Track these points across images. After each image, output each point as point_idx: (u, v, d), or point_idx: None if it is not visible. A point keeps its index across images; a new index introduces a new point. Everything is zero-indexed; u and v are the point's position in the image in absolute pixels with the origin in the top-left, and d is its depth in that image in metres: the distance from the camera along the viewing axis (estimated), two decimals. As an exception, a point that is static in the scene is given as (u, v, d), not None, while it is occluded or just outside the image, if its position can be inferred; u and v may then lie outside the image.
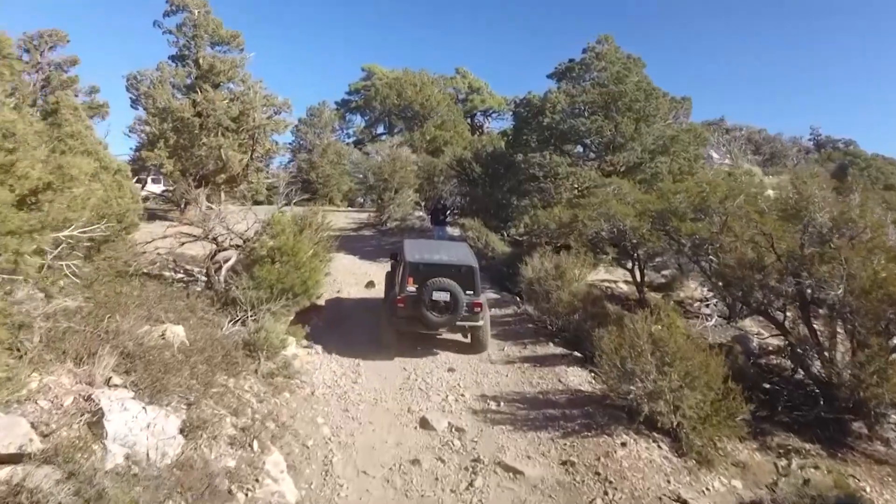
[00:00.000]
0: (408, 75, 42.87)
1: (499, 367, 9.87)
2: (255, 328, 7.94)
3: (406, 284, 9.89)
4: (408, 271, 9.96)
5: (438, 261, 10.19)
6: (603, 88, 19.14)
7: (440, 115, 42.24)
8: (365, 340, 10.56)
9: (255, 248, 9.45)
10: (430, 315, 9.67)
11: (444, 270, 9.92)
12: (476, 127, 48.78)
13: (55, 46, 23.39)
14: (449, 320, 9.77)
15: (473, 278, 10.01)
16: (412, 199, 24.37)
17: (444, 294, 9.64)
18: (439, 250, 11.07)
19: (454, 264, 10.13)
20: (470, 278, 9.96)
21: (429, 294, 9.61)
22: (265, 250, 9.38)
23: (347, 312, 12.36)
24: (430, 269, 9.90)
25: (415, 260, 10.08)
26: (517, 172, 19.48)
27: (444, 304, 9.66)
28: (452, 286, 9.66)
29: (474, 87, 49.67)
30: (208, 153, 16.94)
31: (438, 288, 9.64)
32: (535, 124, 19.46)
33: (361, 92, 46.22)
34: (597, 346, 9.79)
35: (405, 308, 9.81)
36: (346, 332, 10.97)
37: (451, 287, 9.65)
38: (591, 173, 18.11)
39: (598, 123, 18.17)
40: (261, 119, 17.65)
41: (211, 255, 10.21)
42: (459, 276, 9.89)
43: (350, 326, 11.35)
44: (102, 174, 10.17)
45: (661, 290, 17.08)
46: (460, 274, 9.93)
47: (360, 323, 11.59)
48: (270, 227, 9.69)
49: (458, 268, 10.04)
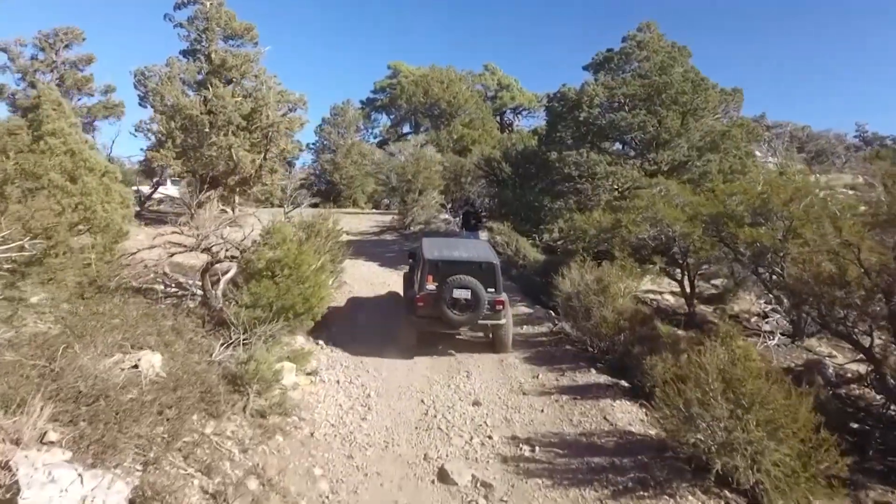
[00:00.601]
0: (434, 72, 41.72)
1: (533, 399, 8.50)
2: (245, 357, 6.77)
3: (426, 283, 9.68)
4: (427, 269, 9.73)
5: (458, 258, 10.00)
6: (645, 80, 17.55)
7: (468, 112, 41.00)
8: (379, 365, 9.34)
9: (251, 260, 8.30)
10: (451, 313, 9.45)
11: (465, 267, 9.71)
12: (505, 125, 47.32)
13: (70, 44, 22.97)
14: (470, 319, 9.55)
15: (494, 275, 9.78)
16: (437, 201, 23.15)
17: (465, 291, 9.42)
18: (458, 247, 10.92)
19: (474, 261, 9.93)
20: (491, 275, 9.74)
21: (449, 292, 9.38)
22: (263, 263, 8.22)
23: (360, 329, 11.17)
24: (450, 267, 9.69)
25: (433, 257, 9.86)
26: (551, 172, 18.05)
27: (466, 302, 9.45)
28: (473, 283, 9.43)
29: (503, 84, 48.22)
30: (218, 153, 16.01)
31: (459, 285, 9.42)
32: (571, 120, 17.98)
33: (387, 90, 45.29)
34: (649, 376, 8.41)
35: (425, 307, 9.58)
36: (358, 354, 9.77)
37: (471, 284, 9.42)
38: (633, 173, 16.55)
39: (640, 118, 16.60)
40: (275, 117, 16.65)
41: (205, 267, 9.12)
42: (480, 272, 9.67)
43: (363, 347, 10.15)
44: (87, 177, 9.19)
45: (713, 303, 15.42)
46: (481, 271, 9.72)
47: (375, 343, 10.39)
48: (270, 236, 8.54)
49: (479, 264, 9.83)
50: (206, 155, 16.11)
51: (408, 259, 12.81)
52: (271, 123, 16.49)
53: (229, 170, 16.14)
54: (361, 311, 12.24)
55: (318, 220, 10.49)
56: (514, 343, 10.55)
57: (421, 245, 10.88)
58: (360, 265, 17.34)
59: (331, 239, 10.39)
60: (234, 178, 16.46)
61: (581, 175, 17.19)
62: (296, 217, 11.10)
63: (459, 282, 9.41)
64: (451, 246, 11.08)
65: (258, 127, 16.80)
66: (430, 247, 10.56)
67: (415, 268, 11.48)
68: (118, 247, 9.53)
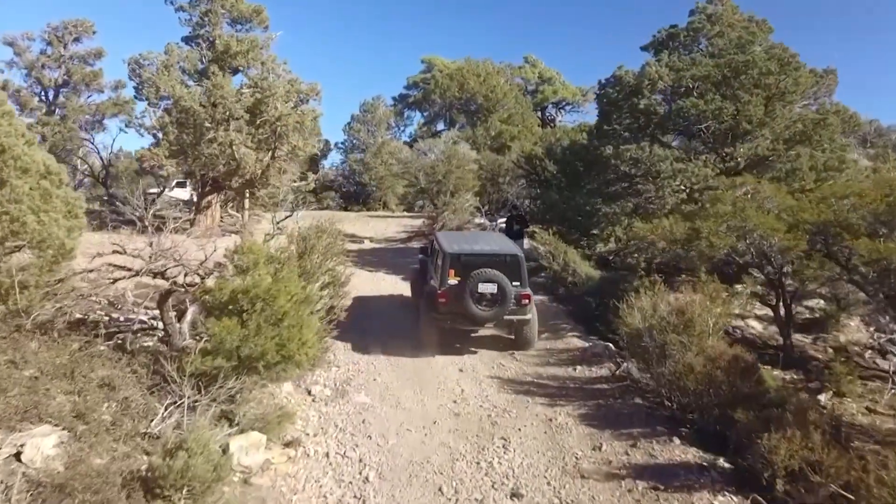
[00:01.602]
0: (470, 64, 39.46)
1: (596, 487, 6.11)
2: (173, 443, 4.65)
3: (447, 277, 9.42)
4: (448, 263, 9.48)
5: (481, 251, 9.82)
6: (720, 59, 14.83)
7: (506, 107, 38.62)
8: (386, 428, 7.14)
9: (212, 290, 6.21)
10: (477, 309, 9.18)
11: (489, 261, 9.47)
12: (547, 121, 44.65)
13: (80, 38, 21.75)
14: (496, 314, 9.30)
15: (520, 268, 9.57)
16: (471, 204, 20.85)
17: (490, 286, 9.16)
18: (478, 240, 10.81)
19: (498, 253, 9.77)
20: (516, 268, 9.51)
21: (474, 286, 9.12)
22: (226, 294, 6.12)
23: (368, 370, 9.01)
24: (473, 260, 9.46)
25: (455, 251, 9.64)
26: (603, 170, 15.51)
27: (492, 297, 9.19)
28: (499, 277, 9.18)
29: (545, 77, 45.54)
30: (219, 151, 14.17)
31: (485, 279, 9.15)
32: (628, 108, 15.40)
33: (420, 85, 43.28)
34: (766, 463, 5.92)
35: (447, 303, 9.33)
36: (360, 409, 7.60)
37: (497, 278, 9.17)
38: (705, 170, 13.86)
39: (714, 104, 13.88)
40: (283, 109, 14.71)
41: (163, 295, 7.09)
42: (505, 266, 9.42)
43: (369, 395, 7.98)
44: (18, 180, 7.30)
45: (809, 331, 12.63)
46: (505, 264, 9.48)
47: (386, 391, 8.22)
48: (239, 257, 6.43)
49: (503, 257, 9.64)
50: (204, 153, 14.30)
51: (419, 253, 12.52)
52: (279, 117, 14.57)
53: (231, 170, 14.32)
54: (371, 342, 10.08)
55: (312, 235, 8.34)
56: (566, 392, 8.30)
57: (436, 239, 10.71)
58: (382, 278, 15.24)
59: (329, 256, 8.24)
60: (237, 179, 14.62)
61: (641, 173, 14.61)
62: (292, 226, 9.02)
63: (485, 275, 9.11)
64: (471, 239, 10.98)
65: (265, 121, 14.91)
66: (449, 240, 10.31)
67: (427, 264, 11.37)
68: (61, 267, 7.62)
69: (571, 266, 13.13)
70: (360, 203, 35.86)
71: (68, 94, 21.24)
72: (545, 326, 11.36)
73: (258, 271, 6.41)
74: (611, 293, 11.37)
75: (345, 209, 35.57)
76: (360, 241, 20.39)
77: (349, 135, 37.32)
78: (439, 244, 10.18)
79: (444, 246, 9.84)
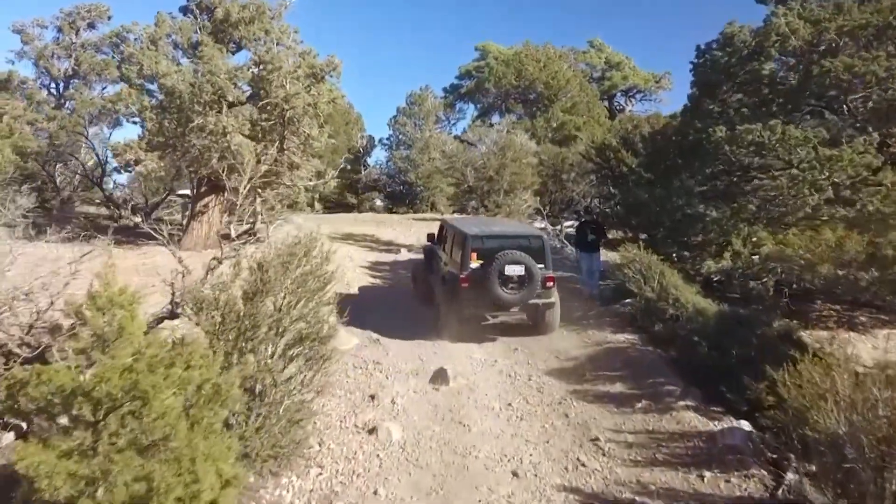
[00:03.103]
0: (529, 49, 35.88)
1: None
2: None
3: (469, 261, 9.21)
4: (470, 246, 9.27)
5: (502, 233, 9.96)
6: (877, 2, 10.86)
7: (569, 96, 34.83)
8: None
9: (25, 385, 3.26)
10: (503, 291, 8.98)
11: (512, 242, 9.37)
12: (615, 111, 40.46)
13: (94, 23, 19.87)
14: (524, 297, 9.08)
15: (544, 250, 9.46)
16: (529, 206, 17.45)
17: (518, 268, 8.99)
18: (495, 224, 11.32)
19: (521, 235, 9.89)
20: (540, 250, 9.38)
21: (500, 268, 8.92)
22: (47, 394, 3.15)
23: (367, 462, 5.87)
24: (497, 242, 9.34)
25: (475, 233, 9.48)
26: (708, 160, 11.80)
27: (519, 279, 8.99)
28: (526, 259, 9.00)
29: (612, 62, 41.35)
30: (211, 142, 11.42)
31: (511, 261, 8.97)
32: (745, 76, 11.61)
33: (473, 74, 40.11)
34: None
35: (470, 287, 9.10)
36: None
37: (524, 259, 8.99)
38: (869, 158, 9.91)
39: (882, 63, 9.94)
40: (292, 88, 11.76)
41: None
42: (529, 248, 9.27)
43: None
44: None
45: None
46: (529, 246, 9.35)
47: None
48: (93, 316, 3.47)
49: (527, 238, 9.64)
50: (192, 145, 11.61)
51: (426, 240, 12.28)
52: (286, 97, 11.66)
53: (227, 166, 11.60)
54: (367, 406, 6.95)
55: (288, 254, 5.30)
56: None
57: (448, 225, 10.71)
58: (397, 310, 12.06)
59: (306, 294, 5.18)
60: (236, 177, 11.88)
61: (765, 164, 10.83)
62: (261, 250, 6.06)
63: (511, 257, 8.99)
64: (488, 223, 11.22)
65: (269, 104, 12.09)
66: (465, 224, 10.30)
67: (435, 253, 11.25)
68: None
69: (671, 293, 9.56)
70: (406, 204, 33.00)
71: (78, 85, 19.49)
72: (638, 385, 7.94)
73: (123, 346, 3.39)
74: (739, 340, 7.87)
75: (390, 211, 32.84)
76: (397, 250, 17.39)
77: (394, 129, 34.53)
78: (455, 228, 10.04)
79: (463, 229, 9.66)
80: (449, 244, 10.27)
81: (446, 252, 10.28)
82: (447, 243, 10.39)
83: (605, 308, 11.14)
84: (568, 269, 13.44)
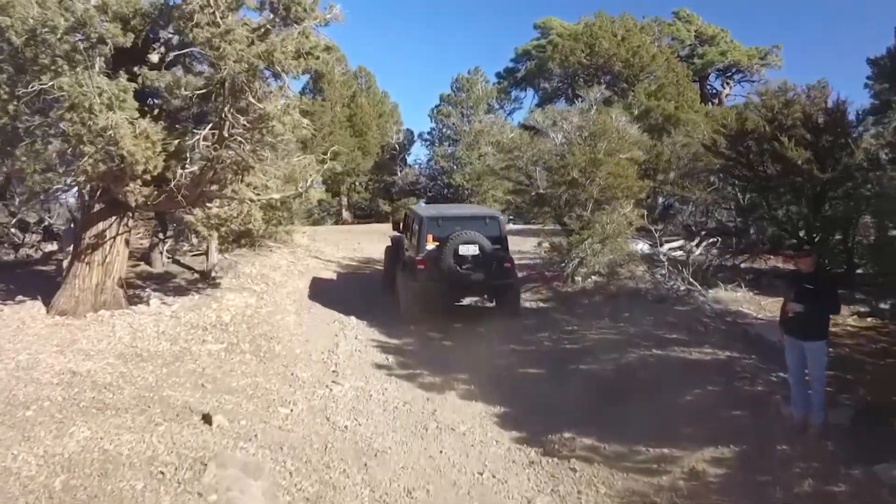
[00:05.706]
0: (603, 20, 29.66)
1: None
2: None
3: (425, 243, 9.19)
4: (426, 228, 9.29)
5: (459, 214, 10.16)
6: None
7: (655, 76, 28.47)
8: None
9: None
10: (459, 271, 8.87)
11: (467, 223, 9.43)
12: (709, 95, 33.70)
13: None
14: (479, 278, 9.02)
15: (500, 230, 9.48)
16: (632, 222, 11.44)
17: (472, 247, 8.94)
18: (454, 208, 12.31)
19: (477, 216, 10.03)
20: (496, 229, 9.40)
21: (454, 248, 8.87)
22: None
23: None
24: (451, 223, 9.36)
25: (431, 215, 9.63)
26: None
27: (473, 259, 8.94)
28: (479, 238, 8.96)
29: (705, 36, 34.49)
30: (73, 125, 5.83)
31: (465, 241, 8.94)
32: None
33: (533, 55, 34.16)
34: None
35: (426, 270, 9.04)
36: None
37: (478, 238, 8.94)
38: None
39: None
40: (234, 28, 6.08)
41: None
42: (484, 227, 9.30)
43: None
44: None
45: None
46: (485, 225, 9.40)
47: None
48: None
49: (483, 219, 9.71)
50: (36, 126, 6.12)
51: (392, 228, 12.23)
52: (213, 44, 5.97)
53: (114, 171, 6.21)
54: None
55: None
56: None
57: (410, 212, 10.87)
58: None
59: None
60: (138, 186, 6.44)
61: None
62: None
63: (465, 237, 8.92)
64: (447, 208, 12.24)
65: (184, 56, 6.65)
66: (424, 210, 10.52)
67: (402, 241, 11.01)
68: None
69: None
70: (450, 212, 27.45)
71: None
72: None
73: None
74: None
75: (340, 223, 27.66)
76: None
77: (436, 121, 28.92)
78: (415, 214, 10.14)
79: (420, 213, 9.78)
80: (410, 230, 10.23)
81: (408, 238, 10.26)
82: (409, 230, 10.29)
83: (842, 464, 4.93)
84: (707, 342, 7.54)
